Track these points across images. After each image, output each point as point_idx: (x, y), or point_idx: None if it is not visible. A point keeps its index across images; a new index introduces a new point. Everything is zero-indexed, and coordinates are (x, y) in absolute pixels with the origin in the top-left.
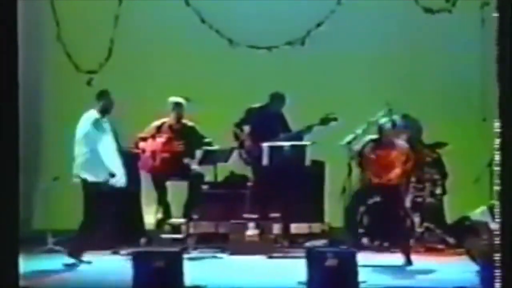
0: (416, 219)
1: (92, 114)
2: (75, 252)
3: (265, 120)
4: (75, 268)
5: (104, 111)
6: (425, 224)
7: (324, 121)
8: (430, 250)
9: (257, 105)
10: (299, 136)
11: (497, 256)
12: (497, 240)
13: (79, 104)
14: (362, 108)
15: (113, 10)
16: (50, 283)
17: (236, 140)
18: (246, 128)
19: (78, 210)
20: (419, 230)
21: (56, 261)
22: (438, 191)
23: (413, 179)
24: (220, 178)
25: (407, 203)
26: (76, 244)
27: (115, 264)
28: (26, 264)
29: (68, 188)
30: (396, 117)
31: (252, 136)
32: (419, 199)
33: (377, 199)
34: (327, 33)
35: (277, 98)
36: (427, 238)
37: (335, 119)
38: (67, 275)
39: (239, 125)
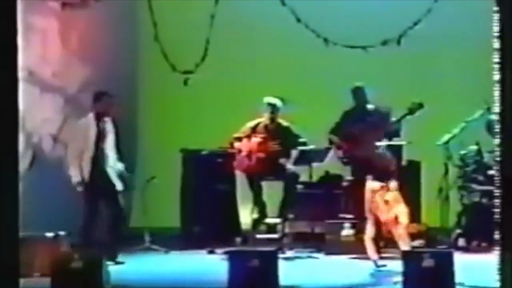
0: None
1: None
2: None
3: (364, 119)
4: (169, 267)
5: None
6: None
7: (412, 110)
8: None
9: (349, 107)
10: (394, 130)
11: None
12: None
13: (175, 104)
14: (459, 107)
15: (209, 10)
16: (146, 281)
17: (331, 144)
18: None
19: (176, 210)
20: None
21: (152, 260)
22: None
23: None
24: (315, 178)
25: None
26: None
27: (211, 263)
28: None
29: (165, 187)
30: (494, 116)
31: (351, 138)
32: None
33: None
34: (423, 32)
35: (359, 92)
36: None
37: (421, 106)
38: (163, 273)
39: (334, 130)
